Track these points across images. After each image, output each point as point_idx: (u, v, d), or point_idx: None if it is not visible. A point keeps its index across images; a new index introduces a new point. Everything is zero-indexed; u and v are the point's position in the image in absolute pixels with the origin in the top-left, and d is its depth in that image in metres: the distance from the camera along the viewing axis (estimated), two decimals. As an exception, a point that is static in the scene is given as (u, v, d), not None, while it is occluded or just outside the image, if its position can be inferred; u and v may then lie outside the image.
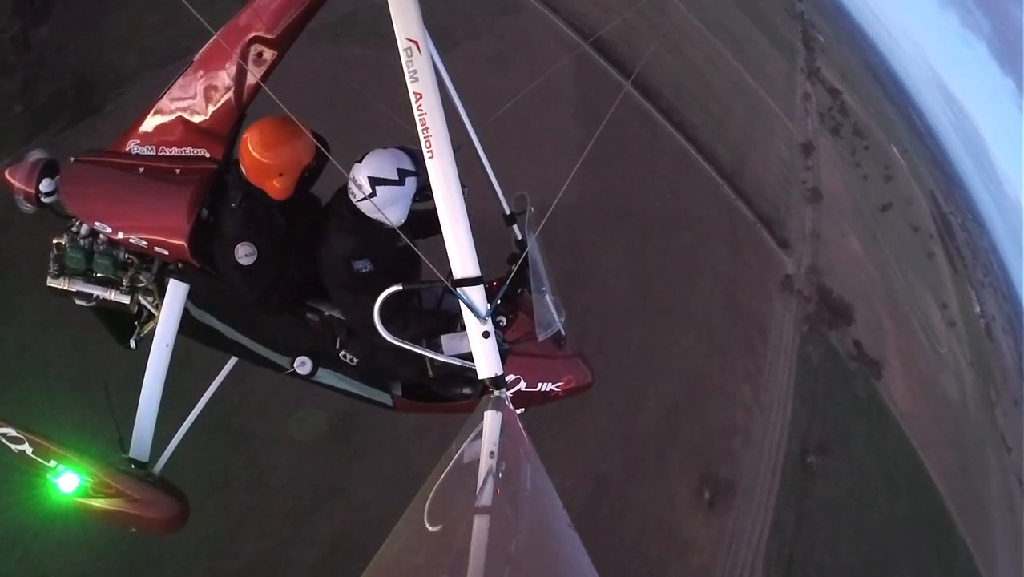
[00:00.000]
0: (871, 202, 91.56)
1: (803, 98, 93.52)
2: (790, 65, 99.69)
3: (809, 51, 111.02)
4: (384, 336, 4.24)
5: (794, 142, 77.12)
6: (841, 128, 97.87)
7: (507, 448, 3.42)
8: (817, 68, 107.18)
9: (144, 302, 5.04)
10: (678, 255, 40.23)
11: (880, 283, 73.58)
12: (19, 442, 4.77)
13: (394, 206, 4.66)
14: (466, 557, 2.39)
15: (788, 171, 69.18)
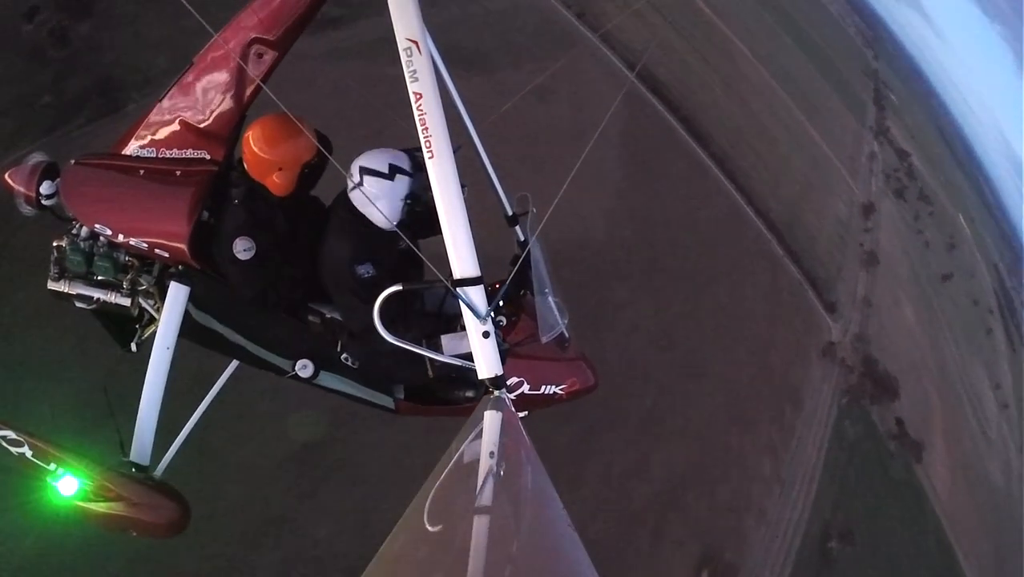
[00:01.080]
0: (931, 271, 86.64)
1: (869, 157, 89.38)
2: (858, 123, 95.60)
3: (880, 110, 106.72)
4: (385, 337, 4.16)
5: (855, 202, 73.20)
6: (906, 191, 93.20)
7: (508, 449, 3.38)
8: (887, 128, 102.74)
9: (145, 305, 4.98)
10: (710, 309, 37.21)
11: (932, 357, 68.94)
12: (18, 445, 4.67)
13: (382, 201, 4.57)
14: (466, 557, 2.34)
15: (845, 231, 65.35)
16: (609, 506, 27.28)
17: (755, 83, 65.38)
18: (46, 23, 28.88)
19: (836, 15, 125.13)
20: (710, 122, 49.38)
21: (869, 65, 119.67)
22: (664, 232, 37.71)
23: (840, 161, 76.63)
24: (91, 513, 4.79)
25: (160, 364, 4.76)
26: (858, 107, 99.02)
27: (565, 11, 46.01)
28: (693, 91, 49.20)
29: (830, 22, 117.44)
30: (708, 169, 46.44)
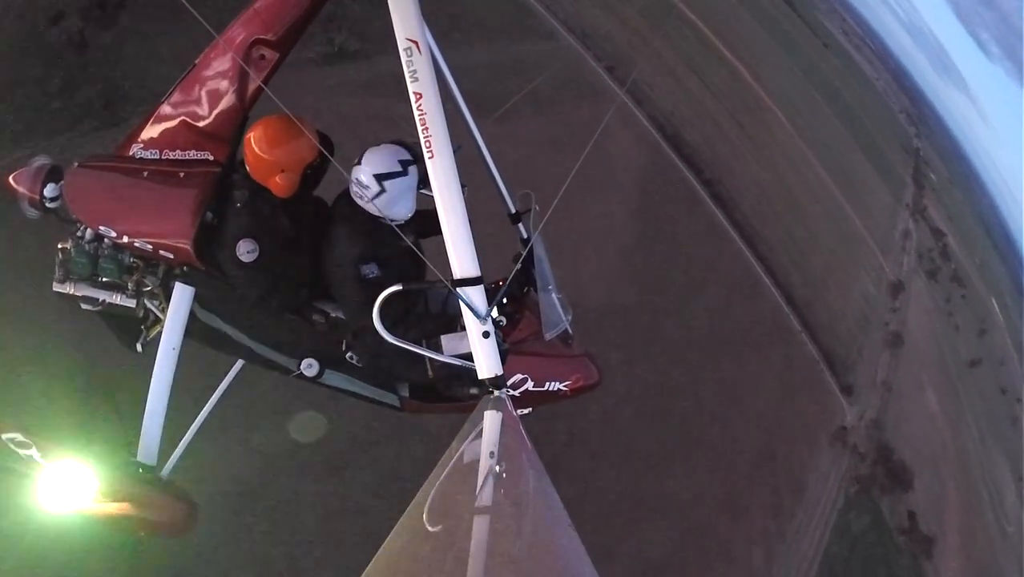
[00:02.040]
0: (959, 356, 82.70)
1: (903, 235, 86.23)
2: (895, 199, 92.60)
3: (918, 188, 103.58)
4: (385, 336, 4.16)
5: (884, 280, 70.02)
6: (939, 272, 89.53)
7: (508, 449, 3.38)
8: (924, 206, 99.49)
9: (150, 306, 5.01)
10: (712, 383, 34.52)
11: (952, 447, 65.20)
12: (26, 447, 4.71)
13: (403, 199, 4.63)
14: (466, 557, 2.38)
15: (870, 310, 62.24)
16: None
17: (790, 152, 63.09)
18: (69, 29, 28.23)
19: (882, 91, 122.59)
20: (736, 188, 47.11)
21: (911, 143, 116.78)
22: (671, 298, 35.32)
23: (872, 237, 73.61)
24: (99, 514, 4.67)
25: (166, 365, 4.70)
26: (896, 184, 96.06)
27: (595, 64, 44.29)
28: (722, 155, 47.04)
29: (875, 98, 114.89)
30: (727, 236, 44.04)
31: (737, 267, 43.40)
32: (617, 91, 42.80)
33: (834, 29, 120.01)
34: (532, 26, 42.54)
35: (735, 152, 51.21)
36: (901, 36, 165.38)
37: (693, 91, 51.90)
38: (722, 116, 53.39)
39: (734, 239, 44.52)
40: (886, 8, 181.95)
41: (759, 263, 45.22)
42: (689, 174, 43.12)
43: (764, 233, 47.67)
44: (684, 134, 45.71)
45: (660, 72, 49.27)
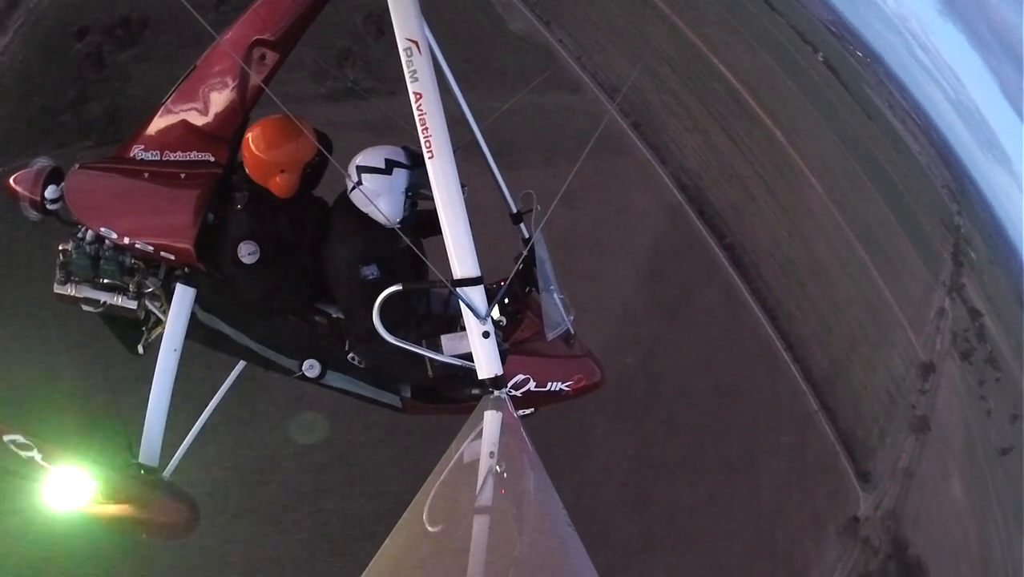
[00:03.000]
0: (990, 443, 77.39)
1: (938, 313, 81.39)
2: (932, 276, 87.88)
3: (957, 266, 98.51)
4: (385, 337, 4.08)
5: (914, 360, 65.64)
6: (973, 354, 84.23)
7: (508, 449, 3.31)
8: (961, 285, 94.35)
9: (151, 307, 4.83)
10: (709, 466, 31.33)
11: (976, 541, 60.32)
12: (27, 448, 4.56)
13: (383, 197, 4.43)
14: (466, 556, 2.32)
15: (897, 391, 58.00)
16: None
17: (823, 222, 59.64)
18: (91, 45, 29.32)
19: (925, 166, 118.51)
20: (761, 256, 43.99)
21: (952, 219, 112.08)
22: (674, 368, 32.24)
23: (905, 314, 69.31)
24: (101, 515, 4.59)
25: (167, 366, 4.57)
26: (934, 260, 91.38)
27: (621, 119, 41.81)
28: (748, 220, 44.07)
29: (918, 172, 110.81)
30: (746, 305, 40.82)
31: (754, 338, 40.16)
32: (640, 146, 40.24)
33: (880, 102, 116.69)
34: (558, 77, 40.39)
35: (763, 218, 48.15)
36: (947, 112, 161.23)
37: (724, 152, 49.15)
38: (753, 180, 50.46)
39: (753, 309, 41.32)
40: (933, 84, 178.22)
41: (778, 336, 41.89)
42: (710, 237, 40.27)
43: (787, 304, 44.39)
44: (709, 196, 42.98)
45: (690, 131, 46.73)
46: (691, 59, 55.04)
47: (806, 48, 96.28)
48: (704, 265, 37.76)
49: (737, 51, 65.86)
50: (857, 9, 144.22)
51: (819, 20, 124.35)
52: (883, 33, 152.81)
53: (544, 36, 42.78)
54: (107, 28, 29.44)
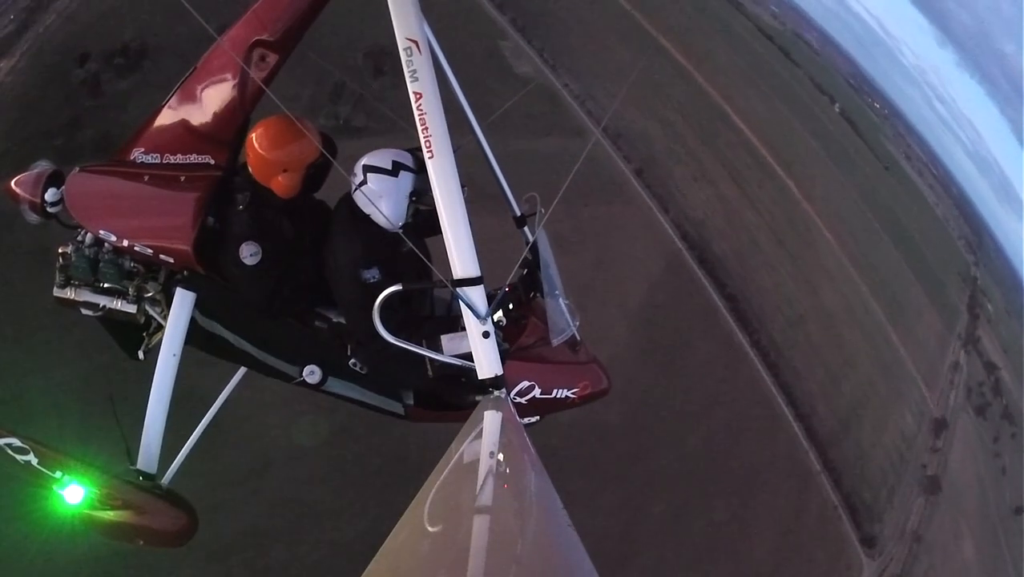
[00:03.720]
0: (1004, 501, 72.93)
1: (952, 367, 77.32)
2: (946, 329, 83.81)
3: (972, 318, 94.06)
4: (385, 336, 3.97)
5: (926, 415, 61.97)
6: (989, 408, 79.71)
7: (508, 449, 3.22)
8: (977, 337, 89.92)
9: (151, 312, 4.67)
10: (700, 525, 28.48)
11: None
12: (24, 453, 4.41)
13: (386, 198, 4.26)
14: (466, 556, 2.24)
15: (907, 449, 54.45)
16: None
17: (834, 273, 56.74)
18: (90, 71, 29.40)
19: (942, 217, 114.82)
20: (765, 308, 41.33)
21: (969, 271, 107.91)
22: (664, 422, 29.74)
23: (917, 368, 65.67)
24: (98, 521, 4.47)
25: (167, 372, 4.42)
26: (950, 313, 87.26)
27: (624, 165, 39.68)
28: (752, 270, 41.49)
29: (934, 224, 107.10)
30: (745, 358, 38.09)
31: (753, 393, 37.37)
32: (641, 192, 37.99)
33: (897, 153, 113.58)
34: (561, 121, 38.47)
35: (770, 269, 45.53)
36: (965, 163, 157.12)
37: (732, 201, 46.75)
38: (761, 230, 47.93)
39: (753, 361, 38.57)
40: (951, 135, 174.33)
41: (780, 391, 39.02)
42: (710, 287, 37.80)
43: (791, 358, 41.57)
44: (712, 245, 40.54)
45: (697, 179, 44.45)
46: (704, 108, 52.96)
47: (823, 99, 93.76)
48: (703, 315, 35.28)
49: (752, 101, 63.69)
50: (877, 62, 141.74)
51: (838, 72, 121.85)
52: (902, 86, 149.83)
53: (550, 79, 40.93)
54: (107, 55, 29.28)
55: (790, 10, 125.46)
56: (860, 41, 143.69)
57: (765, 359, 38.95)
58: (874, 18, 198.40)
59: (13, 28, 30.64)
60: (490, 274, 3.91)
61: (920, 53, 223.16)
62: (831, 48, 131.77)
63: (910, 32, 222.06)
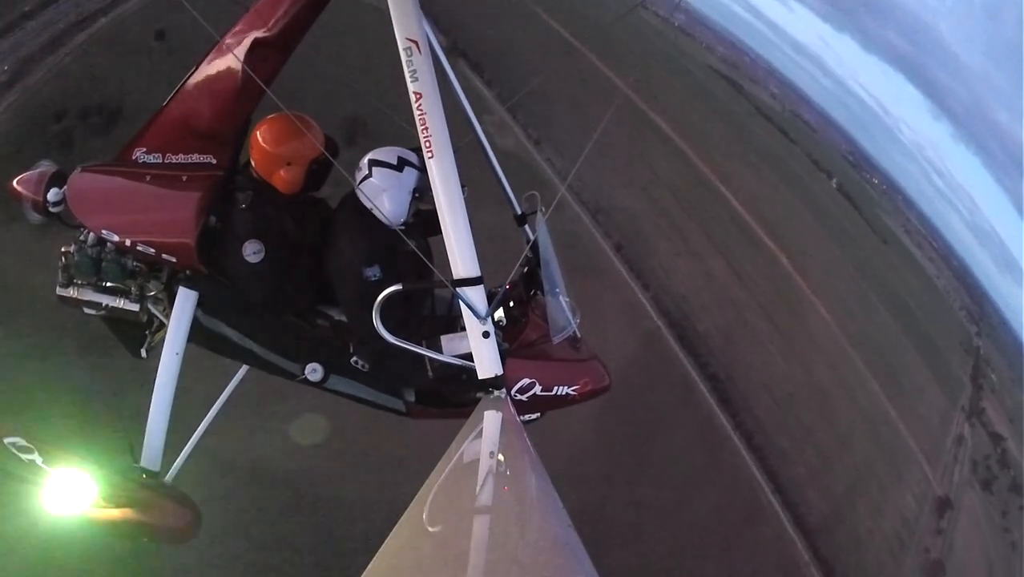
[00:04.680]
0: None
1: (955, 441, 72.12)
2: (949, 402, 78.78)
3: (976, 388, 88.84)
4: (384, 336, 3.84)
5: (928, 495, 56.93)
6: (996, 482, 73.90)
7: (508, 449, 3.13)
8: (982, 409, 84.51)
9: (154, 311, 4.52)
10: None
11: None
12: (29, 452, 4.29)
13: (390, 193, 4.07)
14: (466, 556, 2.19)
15: (908, 533, 49.48)
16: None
17: (828, 349, 52.93)
18: (66, 128, 28.55)
19: (942, 289, 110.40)
20: (750, 387, 37.73)
21: (971, 341, 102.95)
22: (635, 512, 25.99)
23: (919, 446, 60.81)
24: (102, 519, 4.28)
25: (170, 370, 4.26)
26: (952, 385, 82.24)
27: (604, 240, 36.82)
28: (738, 347, 38.09)
29: (934, 295, 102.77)
30: (726, 442, 34.43)
31: (735, 480, 33.48)
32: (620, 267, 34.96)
33: (896, 226, 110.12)
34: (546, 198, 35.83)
35: (758, 346, 42.02)
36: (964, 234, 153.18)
37: (719, 277, 43.61)
38: (750, 306, 44.59)
39: (736, 446, 34.79)
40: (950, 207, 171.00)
41: (765, 477, 35.10)
42: (691, 366, 34.42)
43: (779, 441, 37.69)
44: (695, 322, 37.27)
45: (682, 255, 41.46)
46: (694, 185, 50.34)
47: (820, 175, 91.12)
48: (682, 396, 31.87)
49: (746, 178, 61.07)
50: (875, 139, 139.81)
51: (836, 149, 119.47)
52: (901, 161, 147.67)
53: (533, 156, 38.64)
54: (84, 113, 28.55)
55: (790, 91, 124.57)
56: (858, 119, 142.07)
57: (749, 442, 35.13)
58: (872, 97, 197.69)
59: (5, 79, 30.46)
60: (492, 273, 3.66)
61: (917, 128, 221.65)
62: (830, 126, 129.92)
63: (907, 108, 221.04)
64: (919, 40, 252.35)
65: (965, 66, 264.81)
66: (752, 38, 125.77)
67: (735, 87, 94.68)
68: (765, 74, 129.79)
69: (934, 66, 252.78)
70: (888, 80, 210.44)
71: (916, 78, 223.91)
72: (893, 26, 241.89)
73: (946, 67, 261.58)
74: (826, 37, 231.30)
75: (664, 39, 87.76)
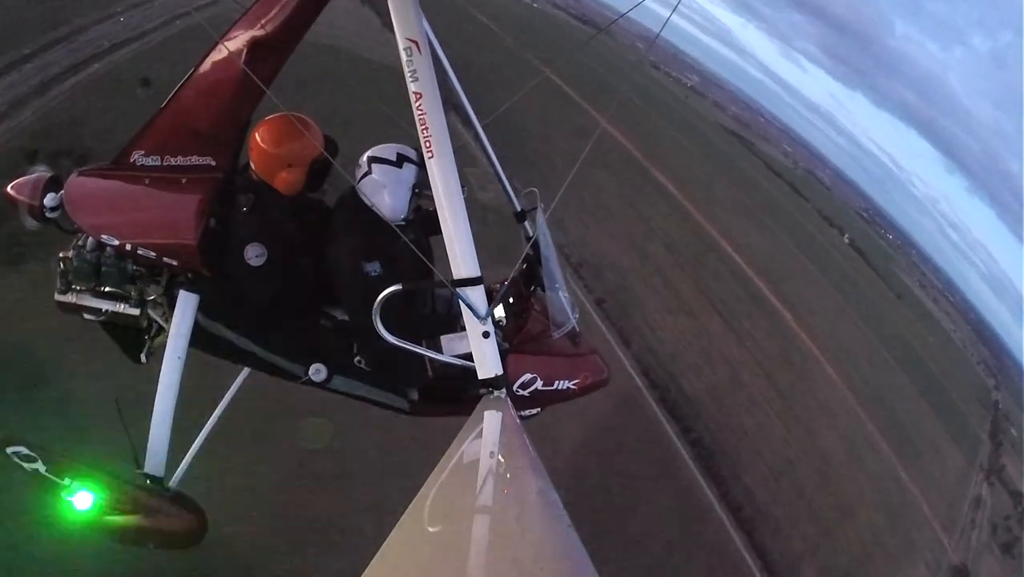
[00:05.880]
0: (1038, 649, 59.09)
1: (973, 503, 65.08)
2: (967, 461, 71.73)
3: (995, 445, 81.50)
4: (384, 335, 3.55)
5: (943, 564, 50.41)
6: (1016, 544, 66.24)
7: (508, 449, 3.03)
8: (1001, 466, 77.09)
9: (154, 315, 4.16)
10: None
11: None
12: (32, 460, 4.07)
13: (389, 189, 3.83)
14: (466, 556, 2.10)
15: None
16: None
17: (834, 410, 47.74)
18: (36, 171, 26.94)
19: (959, 343, 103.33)
20: (741, 453, 33.05)
21: (989, 396, 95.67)
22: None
23: (932, 510, 54.37)
24: (108, 526, 4.05)
25: (171, 375, 3.96)
26: (969, 443, 75.20)
27: (582, 293, 32.91)
28: (730, 410, 33.57)
29: (951, 350, 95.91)
30: (710, 515, 29.54)
31: (719, 558, 28.51)
32: (599, 322, 30.92)
33: (911, 281, 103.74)
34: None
35: (754, 408, 37.30)
36: (980, 287, 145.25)
37: (713, 335, 39.22)
38: (746, 365, 39.95)
39: (721, 520, 29.87)
40: (965, 261, 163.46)
41: (753, 554, 30.05)
42: (672, 432, 29.86)
43: (771, 513, 32.69)
44: (682, 382, 32.91)
45: (673, 312, 37.26)
46: (694, 241, 46.37)
47: (832, 231, 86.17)
48: (660, 464, 27.37)
49: (751, 234, 56.78)
50: (890, 195, 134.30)
51: (850, 206, 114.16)
52: (915, 216, 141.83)
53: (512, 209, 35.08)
54: (55, 154, 25.98)
55: (803, 149, 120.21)
56: (872, 175, 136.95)
57: (736, 515, 30.26)
58: (885, 152, 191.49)
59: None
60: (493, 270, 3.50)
61: (931, 182, 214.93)
62: (844, 183, 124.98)
63: (920, 163, 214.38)
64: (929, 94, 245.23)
65: (975, 117, 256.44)
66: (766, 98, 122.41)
67: (745, 144, 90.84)
68: (779, 133, 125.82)
69: (945, 119, 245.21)
70: (900, 135, 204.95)
71: (928, 132, 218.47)
72: (903, 81, 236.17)
73: (957, 119, 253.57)
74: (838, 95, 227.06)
75: (674, 98, 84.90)
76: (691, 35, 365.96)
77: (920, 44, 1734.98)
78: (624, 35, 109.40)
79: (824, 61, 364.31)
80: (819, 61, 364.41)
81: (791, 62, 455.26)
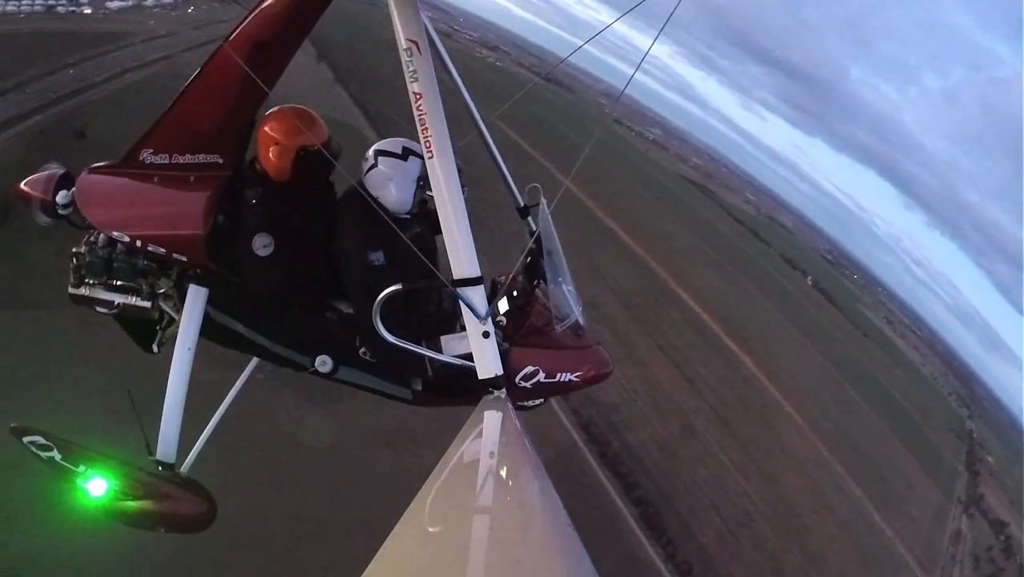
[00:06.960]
0: None
1: (953, 538, 60.57)
2: (943, 496, 67.33)
3: (972, 475, 77.16)
4: (383, 335, 3.40)
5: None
6: (1000, 575, 61.59)
7: (508, 449, 2.88)
8: (980, 496, 72.66)
9: (165, 307, 4.02)
10: None
11: None
12: (48, 449, 3.98)
13: (395, 181, 3.68)
14: (466, 556, 2.03)
15: (898, 659, 38.95)
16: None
17: (798, 454, 44.15)
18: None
19: (929, 376, 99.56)
20: (694, 509, 29.51)
21: (963, 426, 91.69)
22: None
23: (909, 550, 50.16)
24: (121, 511, 3.96)
25: (182, 364, 3.83)
26: (946, 476, 70.96)
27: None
28: (680, 461, 30.26)
29: (921, 384, 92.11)
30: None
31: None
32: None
33: (877, 319, 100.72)
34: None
35: (708, 458, 33.87)
36: (948, 319, 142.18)
37: (664, 384, 36.05)
38: (699, 413, 36.68)
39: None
40: (931, 294, 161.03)
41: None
42: (613, 490, 26.38)
43: (728, 570, 28.92)
44: (626, 435, 29.56)
45: (621, 360, 34.07)
46: (647, 288, 43.55)
47: (795, 274, 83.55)
48: (599, 525, 23.83)
49: (709, 279, 54.09)
50: (852, 236, 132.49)
51: (813, 249, 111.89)
52: (878, 255, 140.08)
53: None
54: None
55: (766, 197, 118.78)
56: (835, 218, 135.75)
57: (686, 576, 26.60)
58: (846, 195, 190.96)
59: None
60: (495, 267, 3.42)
61: (891, 220, 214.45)
62: (807, 227, 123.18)
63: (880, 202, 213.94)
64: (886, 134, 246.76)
65: (931, 154, 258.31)
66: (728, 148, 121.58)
67: (707, 194, 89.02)
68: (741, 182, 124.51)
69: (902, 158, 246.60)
70: (860, 176, 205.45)
71: (886, 172, 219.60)
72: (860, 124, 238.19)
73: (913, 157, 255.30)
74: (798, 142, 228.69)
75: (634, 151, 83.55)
76: (653, 90, 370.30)
77: (875, 87, 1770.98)
78: (587, 92, 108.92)
79: (783, 110, 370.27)
80: (778, 110, 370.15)
81: (751, 112, 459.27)
